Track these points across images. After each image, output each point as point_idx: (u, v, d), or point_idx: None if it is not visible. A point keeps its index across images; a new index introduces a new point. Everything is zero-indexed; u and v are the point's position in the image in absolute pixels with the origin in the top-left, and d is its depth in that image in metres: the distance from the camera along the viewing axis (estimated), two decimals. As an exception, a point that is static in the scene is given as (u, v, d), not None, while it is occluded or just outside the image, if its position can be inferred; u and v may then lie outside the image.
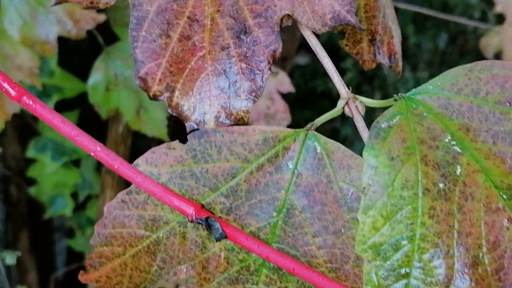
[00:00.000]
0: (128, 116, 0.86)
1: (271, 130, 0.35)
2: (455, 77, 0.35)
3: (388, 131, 0.33)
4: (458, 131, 0.34)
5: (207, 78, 0.41)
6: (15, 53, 0.82)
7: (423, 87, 0.36)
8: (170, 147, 0.35)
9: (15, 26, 0.81)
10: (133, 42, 0.40)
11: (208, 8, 0.40)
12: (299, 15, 0.40)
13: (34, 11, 0.81)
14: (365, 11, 0.43)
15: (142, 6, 0.40)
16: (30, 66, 0.83)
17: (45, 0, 0.81)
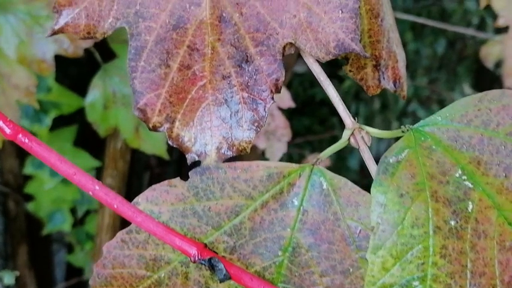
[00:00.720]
0: (127, 134, 0.85)
1: (275, 166, 0.34)
2: (465, 108, 0.34)
3: (397, 166, 0.32)
4: (469, 165, 0.33)
5: (208, 108, 0.40)
6: (11, 72, 0.81)
7: (432, 118, 0.35)
8: (171, 184, 0.34)
9: (12, 45, 0.80)
10: (132, 72, 0.39)
11: (209, 36, 0.39)
12: (302, 43, 0.39)
13: (30, 30, 0.80)
14: (369, 35, 0.42)
15: (140, 36, 0.39)
16: (27, 85, 0.82)
17: (42, 19, 0.80)
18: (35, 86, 0.82)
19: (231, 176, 0.34)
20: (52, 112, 1.06)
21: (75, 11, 0.38)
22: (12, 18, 0.79)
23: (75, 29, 0.38)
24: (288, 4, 0.38)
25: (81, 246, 1.40)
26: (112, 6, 0.38)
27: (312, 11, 0.38)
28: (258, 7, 0.39)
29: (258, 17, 0.39)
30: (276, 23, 0.39)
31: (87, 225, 1.38)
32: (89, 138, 1.13)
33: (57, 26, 0.38)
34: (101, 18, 0.38)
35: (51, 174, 1.14)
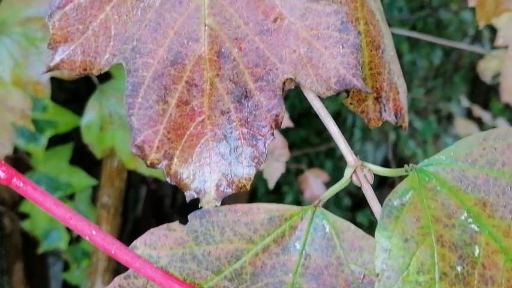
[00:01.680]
0: (123, 155, 0.84)
1: (276, 208, 0.33)
2: (469, 147, 0.33)
3: (401, 209, 0.32)
4: (475, 206, 0.32)
5: (207, 144, 0.39)
6: (6, 94, 0.81)
7: (436, 158, 0.34)
8: (170, 228, 0.33)
9: (7, 67, 0.79)
10: (129, 109, 0.38)
11: (207, 72, 0.38)
12: (302, 79, 0.38)
13: (26, 52, 0.79)
14: (369, 68, 0.42)
15: (138, 72, 0.38)
16: (22, 108, 0.81)
17: (37, 41, 0.79)
18: (30, 109, 0.81)
19: (232, 220, 0.33)
20: (48, 131, 1.05)
21: (70, 47, 0.37)
22: (7, 40, 0.79)
23: (71, 66, 0.38)
24: (287, 39, 0.38)
25: (78, 263, 1.38)
26: (109, 42, 0.38)
27: (312, 46, 0.37)
28: (257, 42, 0.38)
29: (258, 52, 0.38)
30: (276, 58, 0.38)
31: (84, 243, 1.36)
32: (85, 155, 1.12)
33: (53, 63, 0.38)
34: (98, 54, 0.38)
35: (47, 193, 1.12)
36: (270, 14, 0.38)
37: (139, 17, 0.38)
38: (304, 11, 0.38)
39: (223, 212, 0.33)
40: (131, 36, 0.38)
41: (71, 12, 0.37)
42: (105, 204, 1.12)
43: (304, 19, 0.38)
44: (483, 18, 0.72)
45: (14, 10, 0.79)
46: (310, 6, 0.38)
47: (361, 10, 0.41)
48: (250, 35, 0.38)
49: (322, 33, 0.37)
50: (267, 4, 0.38)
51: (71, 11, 0.37)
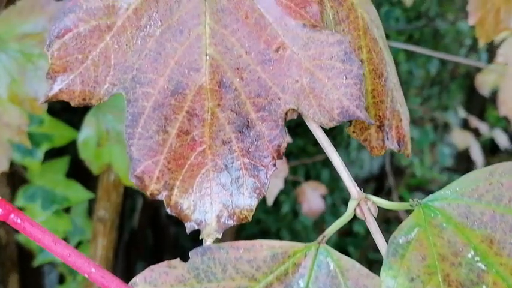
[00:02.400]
0: (120, 172, 0.83)
1: (279, 245, 0.33)
2: (475, 182, 0.33)
3: (407, 247, 0.31)
4: (482, 244, 0.32)
5: (208, 174, 0.38)
6: (3, 111, 0.80)
7: (441, 193, 0.33)
8: (171, 265, 0.32)
9: (3, 84, 0.78)
10: (129, 139, 0.38)
11: (209, 102, 0.38)
12: (304, 109, 0.37)
13: (23, 68, 0.78)
14: (372, 96, 0.41)
15: (138, 102, 0.37)
16: (18, 124, 0.80)
17: (34, 57, 0.78)
18: (26, 125, 0.80)
19: (234, 257, 0.33)
20: (44, 145, 1.04)
21: (69, 77, 0.37)
22: (4, 56, 0.78)
23: (70, 96, 0.37)
24: (290, 69, 0.37)
25: (73, 276, 1.37)
26: (108, 72, 0.37)
27: (315, 76, 0.37)
28: (259, 72, 0.38)
29: (259, 82, 0.38)
30: (278, 88, 0.37)
31: (80, 255, 1.35)
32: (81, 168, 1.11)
33: (51, 93, 0.37)
34: (97, 84, 0.37)
35: (43, 207, 1.12)
36: (272, 43, 0.37)
37: (139, 47, 0.37)
38: (307, 40, 0.37)
39: (225, 249, 0.33)
40: (131, 65, 0.37)
41: (70, 42, 0.37)
42: (102, 218, 1.11)
43: (306, 49, 0.37)
44: (483, 37, 0.72)
45: (10, 26, 0.78)
46: (312, 36, 0.37)
47: (364, 38, 0.40)
48: (252, 64, 0.38)
49: (325, 63, 0.37)
50: (269, 33, 0.37)
51: (70, 40, 0.37)
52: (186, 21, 0.37)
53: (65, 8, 0.37)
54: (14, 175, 1.24)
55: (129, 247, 1.81)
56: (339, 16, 0.40)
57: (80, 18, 0.37)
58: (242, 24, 0.38)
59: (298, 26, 0.37)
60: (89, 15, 0.37)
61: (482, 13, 0.71)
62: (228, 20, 0.38)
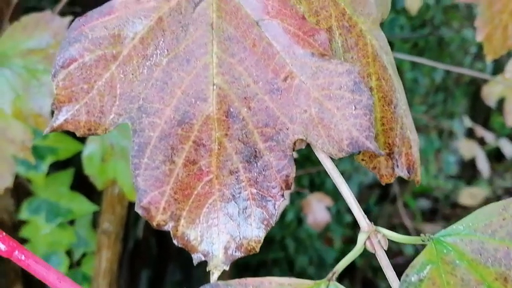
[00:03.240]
0: (125, 187, 0.83)
1: (289, 282, 0.32)
2: (489, 217, 0.32)
3: (419, 286, 0.30)
4: (496, 282, 0.31)
5: (215, 204, 0.38)
6: (7, 126, 0.79)
7: (453, 228, 0.33)
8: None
9: (7, 100, 0.78)
10: (135, 170, 0.37)
11: (216, 132, 0.37)
12: (313, 139, 0.37)
13: (27, 84, 0.78)
14: (382, 123, 0.41)
15: (144, 132, 0.37)
16: (22, 140, 0.80)
17: (39, 73, 0.78)
18: (30, 141, 0.80)
19: (242, 294, 0.32)
20: (48, 158, 1.04)
21: (75, 107, 0.36)
22: (8, 72, 0.78)
23: (75, 126, 0.37)
24: (298, 98, 0.37)
25: (78, 287, 1.36)
26: (114, 102, 0.37)
27: (324, 106, 0.36)
28: (267, 101, 0.37)
29: (267, 111, 0.37)
30: (286, 118, 0.37)
31: (84, 267, 1.35)
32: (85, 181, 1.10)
33: (56, 123, 0.36)
34: (102, 114, 0.37)
35: (48, 219, 1.11)
36: (280, 72, 0.37)
37: (145, 76, 0.37)
38: (316, 70, 0.37)
39: (232, 287, 0.32)
40: (137, 95, 0.37)
41: (75, 72, 0.36)
42: (106, 231, 1.11)
43: (315, 78, 0.36)
44: (490, 53, 0.72)
45: (15, 42, 0.78)
46: (321, 65, 0.36)
47: (373, 65, 0.40)
48: (259, 94, 0.37)
49: (334, 93, 0.36)
50: (276, 62, 0.37)
51: (75, 70, 0.36)
52: (193, 50, 0.37)
53: (70, 38, 0.36)
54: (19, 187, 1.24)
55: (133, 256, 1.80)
56: (347, 43, 0.39)
57: (86, 47, 0.36)
58: (250, 53, 0.37)
59: (307, 54, 0.37)
60: (94, 44, 0.36)
61: (489, 29, 0.70)
62: (236, 48, 0.37)
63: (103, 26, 0.36)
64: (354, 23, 0.40)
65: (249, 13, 0.37)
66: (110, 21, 0.36)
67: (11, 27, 0.78)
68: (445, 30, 2.09)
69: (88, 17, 0.36)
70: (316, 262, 2.37)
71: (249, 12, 0.37)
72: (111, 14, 0.36)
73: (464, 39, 2.15)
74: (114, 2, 0.37)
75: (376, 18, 0.42)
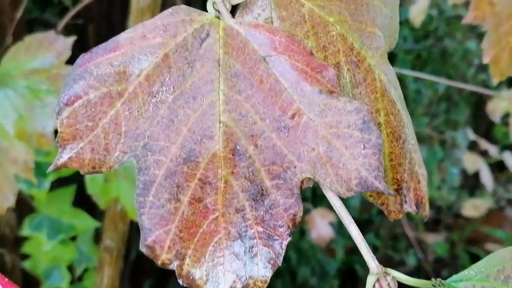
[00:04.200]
0: (128, 207, 0.82)
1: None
2: (501, 262, 0.32)
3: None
4: (508, 329, 0.30)
5: (221, 242, 0.37)
6: (9, 146, 0.79)
7: (465, 273, 0.32)
8: None
9: (10, 120, 0.77)
10: (140, 208, 0.36)
11: (222, 170, 0.36)
12: (321, 178, 0.36)
13: (30, 105, 0.77)
14: (390, 159, 0.40)
15: (149, 170, 0.36)
16: (25, 160, 0.79)
17: (42, 93, 0.78)
18: (33, 161, 0.79)
19: None
20: (51, 175, 1.04)
21: (79, 145, 0.36)
22: (11, 92, 0.77)
23: (80, 164, 0.36)
24: (306, 136, 0.36)
25: (79, 303, 1.36)
26: (119, 140, 0.36)
27: (332, 145, 0.36)
28: (274, 139, 0.36)
29: (274, 149, 0.36)
30: (294, 156, 0.36)
31: (86, 282, 1.34)
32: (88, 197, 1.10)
33: (60, 161, 0.36)
34: (107, 152, 0.36)
35: (49, 236, 1.11)
36: (288, 109, 0.36)
37: (151, 113, 0.36)
38: (324, 107, 0.36)
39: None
40: (142, 133, 0.36)
41: (80, 109, 0.36)
42: (108, 247, 1.10)
43: (323, 116, 0.36)
44: (497, 75, 0.71)
45: (18, 62, 0.77)
46: (329, 102, 0.36)
47: (382, 101, 0.39)
48: (266, 131, 0.36)
49: (342, 132, 0.36)
50: (284, 99, 0.36)
51: (80, 107, 0.36)
52: (199, 88, 0.36)
53: (75, 75, 0.36)
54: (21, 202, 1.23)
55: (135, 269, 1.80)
56: (356, 79, 0.39)
57: (90, 85, 0.36)
58: (257, 89, 0.37)
59: (315, 92, 0.36)
60: (99, 81, 0.36)
61: (496, 51, 0.70)
62: (243, 85, 0.37)
63: (108, 62, 0.36)
64: (362, 58, 0.39)
65: (256, 49, 0.37)
66: (115, 58, 0.36)
67: (14, 47, 0.78)
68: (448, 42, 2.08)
69: (93, 53, 0.36)
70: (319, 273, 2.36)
71: (256, 47, 0.37)
72: (116, 51, 0.36)
73: (468, 50, 2.15)
74: (119, 38, 0.36)
75: (384, 52, 0.41)
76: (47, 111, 0.78)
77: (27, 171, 0.79)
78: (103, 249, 1.12)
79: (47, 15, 1.69)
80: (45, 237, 1.11)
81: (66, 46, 0.76)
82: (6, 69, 0.77)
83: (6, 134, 0.78)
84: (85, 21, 1.45)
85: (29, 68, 0.77)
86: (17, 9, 1.17)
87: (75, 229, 1.12)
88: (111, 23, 1.26)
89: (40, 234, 1.11)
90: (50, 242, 1.11)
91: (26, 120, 0.78)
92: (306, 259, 2.34)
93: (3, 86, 0.77)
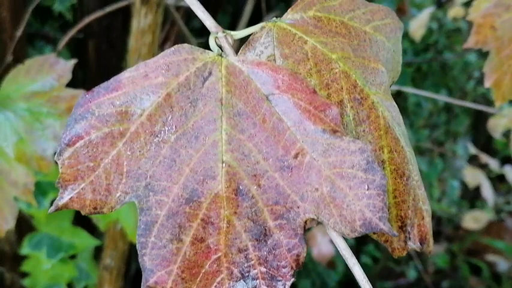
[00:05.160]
0: (129, 230, 0.82)
1: None
2: None
3: None
4: None
5: (223, 283, 0.37)
6: (10, 169, 0.79)
7: None
8: None
9: (10, 143, 0.77)
10: (142, 249, 0.36)
11: (224, 210, 0.36)
12: (325, 218, 0.36)
13: (30, 127, 0.77)
14: (394, 196, 0.40)
15: (151, 211, 0.36)
16: (25, 183, 0.79)
17: (42, 116, 0.77)
18: (33, 183, 0.79)
19: None
20: (50, 194, 1.03)
21: (80, 185, 0.35)
22: (11, 115, 0.77)
23: (81, 205, 0.36)
24: (309, 176, 0.36)
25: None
26: (120, 180, 0.36)
27: (336, 185, 0.35)
28: (277, 179, 0.36)
29: (277, 189, 0.36)
30: (297, 196, 0.36)
31: (85, 299, 1.33)
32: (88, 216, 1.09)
33: (61, 202, 0.36)
34: (109, 192, 0.36)
35: (49, 255, 1.10)
36: (291, 149, 0.36)
37: (153, 153, 0.36)
38: (327, 147, 0.36)
39: None
40: (144, 173, 0.36)
41: (81, 150, 0.35)
42: (108, 266, 1.09)
43: (326, 156, 0.36)
44: (499, 99, 0.71)
45: (18, 85, 0.77)
46: (333, 142, 0.36)
47: (386, 138, 0.39)
48: (269, 171, 0.36)
49: (346, 172, 0.35)
50: (287, 138, 0.36)
51: (81, 148, 0.35)
52: (201, 127, 0.36)
53: (76, 115, 0.35)
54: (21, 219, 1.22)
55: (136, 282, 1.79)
56: (359, 116, 0.38)
57: (92, 125, 0.35)
58: (260, 128, 0.36)
59: (318, 131, 0.36)
60: (101, 122, 0.35)
61: (498, 75, 0.70)
62: (245, 124, 0.36)
63: (110, 102, 0.35)
64: (365, 95, 0.39)
65: (259, 87, 0.37)
66: (117, 98, 0.36)
67: (15, 70, 0.77)
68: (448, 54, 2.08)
69: (94, 92, 0.36)
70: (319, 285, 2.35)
71: (259, 86, 0.37)
72: (118, 90, 0.36)
73: (468, 63, 2.15)
74: (121, 77, 0.36)
75: (387, 87, 0.41)
76: (47, 134, 0.77)
77: (27, 193, 0.79)
78: (103, 267, 1.12)
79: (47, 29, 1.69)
80: (44, 256, 1.10)
81: (67, 69, 0.76)
82: (7, 91, 0.77)
83: (6, 157, 0.77)
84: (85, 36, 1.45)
85: (29, 91, 0.77)
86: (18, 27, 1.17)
87: (75, 248, 1.11)
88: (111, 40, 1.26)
89: (40, 253, 1.10)
90: (50, 260, 1.10)
91: (26, 143, 0.77)
92: (306, 271, 2.33)
93: (4, 108, 0.77)
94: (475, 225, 2.23)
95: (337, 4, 0.41)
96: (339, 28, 0.40)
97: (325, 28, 0.40)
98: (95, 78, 1.30)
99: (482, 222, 2.22)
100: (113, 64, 1.20)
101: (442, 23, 2.08)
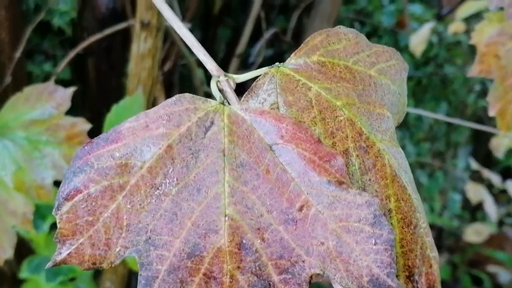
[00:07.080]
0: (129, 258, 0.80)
1: None
2: None
3: None
4: None
5: (226, 338, 0.36)
6: (8, 198, 0.78)
7: None
8: None
9: (9, 172, 0.76)
10: (142, 305, 0.35)
11: (227, 264, 0.35)
12: (331, 272, 0.35)
13: (29, 156, 0.76)
14: (401, 245, 0.39)
15: (152, 266, 0.35)
16: (24, 212, 0.78)
17: (41, 144, 0.76)
18: (31, 213, 0.78)
19: None
20: (50, 217, 1.02)
21: (79, 241, 0.34)
22: (10, 144, 0.76)
23: (79, 260, 0.35)
24: (314, 229, 0.35)
25: None
26: (120, 234, 0.35)
27: (342, 239, 0.34)
28: (282, 232, 0.35)
29: (282, 242, 0.35)
30: (302, 250, 0.35)
31: (85, 320, 1.32)
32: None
33: (60, 258, 0.34)
34: (108, 247, 0.35)
35: (48, 279, 1.09)
36: (295, 201, 0.35)
37: (153, 206, 0.35)
38: (333, 199, 0.35)
39: None
40: (145, 226, 0.35)
41: (79, 204, 0.34)
42: (108, 289, 1.08)
43: (332, 209, 0.35)
44: (503, 127, 0.70)
45: (17, 113, 0.76)
46: (339, 195, 0.35)
47: (392, 186, 0.38)
48: (273, 224, 0.35)
49: (352, 226, 0.34)
50: (291, 190, 0.35)
51: (80, 202, 0.34)
52: (203, 179, 0.35)
53: (75, 167, 0.34)
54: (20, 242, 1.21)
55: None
56: (365, 165, 0.38)
57: (91, 178, 0.34)
58: (263, 180, 0.35)
59: (323, 182, 0.35)
60: (100, 175, 0.34)
61: (502, 104, 0.69)
62: (248, 176, 0.35)
63: (109, 154, 0.35)
64: (371, 143, 0.38)
65: (262, 137, 0.36)
66: (117, 150, 0.35)
67: (14, 98, 0.76)
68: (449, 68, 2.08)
69: (94, 144, 0.35)
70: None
71: (262, 135, 0.36)
72: (118, 142, 0.35)
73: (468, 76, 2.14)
74: (121, 128, 0.35)
75: (393, 132, 0.40)
76: (46, 162, 0.76)
77: (26, 223, 0.78)
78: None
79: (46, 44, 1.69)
80: (43, 280, 1.08)
81: (66, 97, 0.75)
82: (5, 120, 0.76)
83: (5, 186, 0.76)
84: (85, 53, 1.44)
85: (28, 119, 0.76)
86: (17, 48, 1.16)
87: (74, 271, 1.10)
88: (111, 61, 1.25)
89: (38, 277, 1.09)
90: (49, 284, 1.09)
91: (25, 172, 0.76)
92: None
93: (2, 137, 0.76)
94: (476, 238, 2.21)
95: (341, 47, 0.40)
96: (343, 73, 0.39)
97: (330, 73, 0.39)
98: (95, 99, 1.29)
99: (484, 235, 2.21)
100: (113, 85, 1.19)
101: (442, 36, 2.07)
